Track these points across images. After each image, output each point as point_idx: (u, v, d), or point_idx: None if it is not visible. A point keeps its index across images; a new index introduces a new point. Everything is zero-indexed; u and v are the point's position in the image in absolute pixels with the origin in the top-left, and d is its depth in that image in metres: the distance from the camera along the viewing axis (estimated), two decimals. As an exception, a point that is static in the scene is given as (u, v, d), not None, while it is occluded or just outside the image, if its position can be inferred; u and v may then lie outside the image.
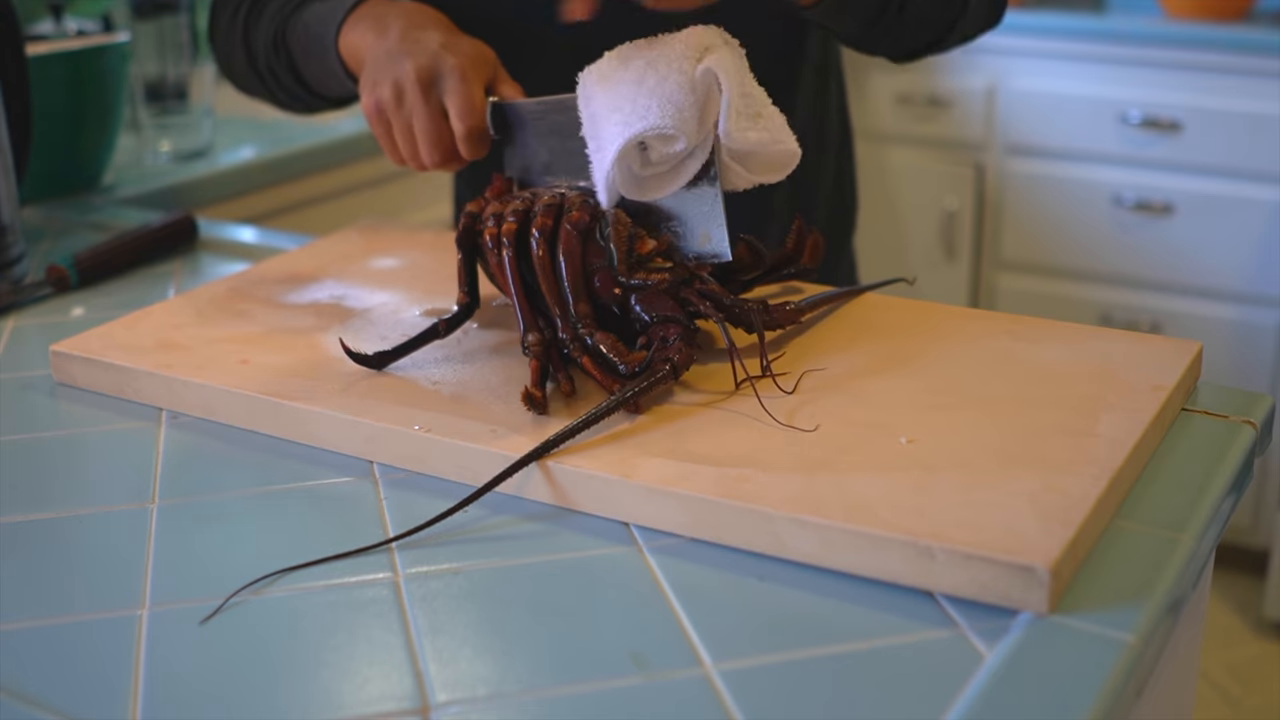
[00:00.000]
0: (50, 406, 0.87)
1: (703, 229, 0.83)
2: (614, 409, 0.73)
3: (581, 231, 0.81)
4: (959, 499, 0.65)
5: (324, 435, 0.79)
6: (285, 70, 1.08)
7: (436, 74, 0.90)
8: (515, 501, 0.72)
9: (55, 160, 1.44)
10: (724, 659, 0.58)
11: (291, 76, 1.09)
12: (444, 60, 0.90)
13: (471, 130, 0.89)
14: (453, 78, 0.89)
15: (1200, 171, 2.31)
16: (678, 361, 0.76)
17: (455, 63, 0.90)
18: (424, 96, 0.90)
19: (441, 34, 0.93)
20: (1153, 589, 0.61)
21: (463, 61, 0.90)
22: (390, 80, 0.91)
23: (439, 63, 0.90)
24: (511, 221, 0.83)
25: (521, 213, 0.83)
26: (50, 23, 1.69)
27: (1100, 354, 0.81)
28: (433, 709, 0.56)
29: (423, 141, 0.91)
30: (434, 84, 0.90)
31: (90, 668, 0.60)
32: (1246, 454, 0.75)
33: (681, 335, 0.77)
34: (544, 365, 0.78)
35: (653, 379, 0.75)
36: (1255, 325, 2.31)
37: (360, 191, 1.80)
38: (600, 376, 0.77)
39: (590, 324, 0.79)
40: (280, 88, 1.11)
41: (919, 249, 2.56)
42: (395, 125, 0.92)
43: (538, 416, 0.76)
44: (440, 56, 0.90)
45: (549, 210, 0.82)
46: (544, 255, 0.81)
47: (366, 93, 0.93)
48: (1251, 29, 2.29)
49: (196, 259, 1.18)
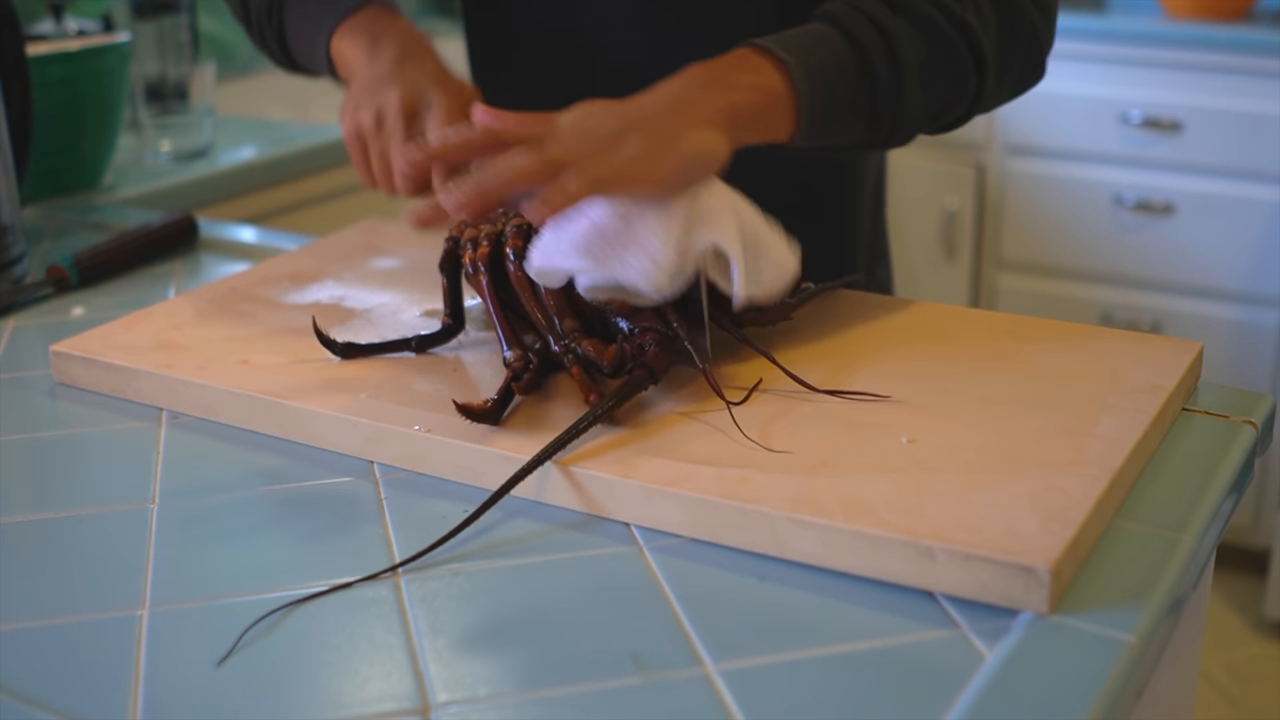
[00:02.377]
0: (50, 406, 0.87)
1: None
2: (597, 419, 0.72)
3: None
4: (959, 499, 0.65)
5: (324, 435, 0.79)
6: (274, 37, 1.09)
7: (421, 105, 0.91)
8: (515, 502, 0.72)
9: (55, 160, 1.44)
10: (724, 659, 0.58)
11: (278, 43, 1.09)
12: (430, 93, 0.91)
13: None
14: (436, 111, 0.90)
15: (1201, 171, 2.31)
16: (655, 367, 0.76)
17: (440, 98, 0.90)
18: (405, 126, 0.90)
19: (430, 69, 0.93)
20: (1153, 589, 0.61)
21: (448, 98, 0.91)
22: (373, 107, 0.91)
23: (425, 95, 0.91)
24: (485, 245, 0.84)
25: (494, 235, 0.85)
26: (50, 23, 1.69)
27: (1100, 354, 0.81)
28: (433, 709, 0.56)
29: (398, 171, 0.89)
30: (416, 116, 0.90)
31: (91, 668, 0.60)
32: (1247, 454, 0.75)
33: (658, 342, 0.77)
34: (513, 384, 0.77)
35: (630, 388, 0.75)
36: (1255, 325, 2.31)
37: (360, 191, 1.80)
38: (583, 386, 0.77)
39: (578, 336, 0.79)
40: (263, 43, 1.12)
41: (919, 249, 2.56)
42: (372, 150, 0.92)
43: (535, 417, 0.76)
44: (427, 90, 0.91)
45: (519, 232, 0.83)
46: (521, 275, 0.82)
47: (347, 116, 0.93)
48: (1252, 29, 2.29)
49: (196, 259, 1.18)
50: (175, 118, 1.69)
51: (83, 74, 1.47)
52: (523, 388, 0.77)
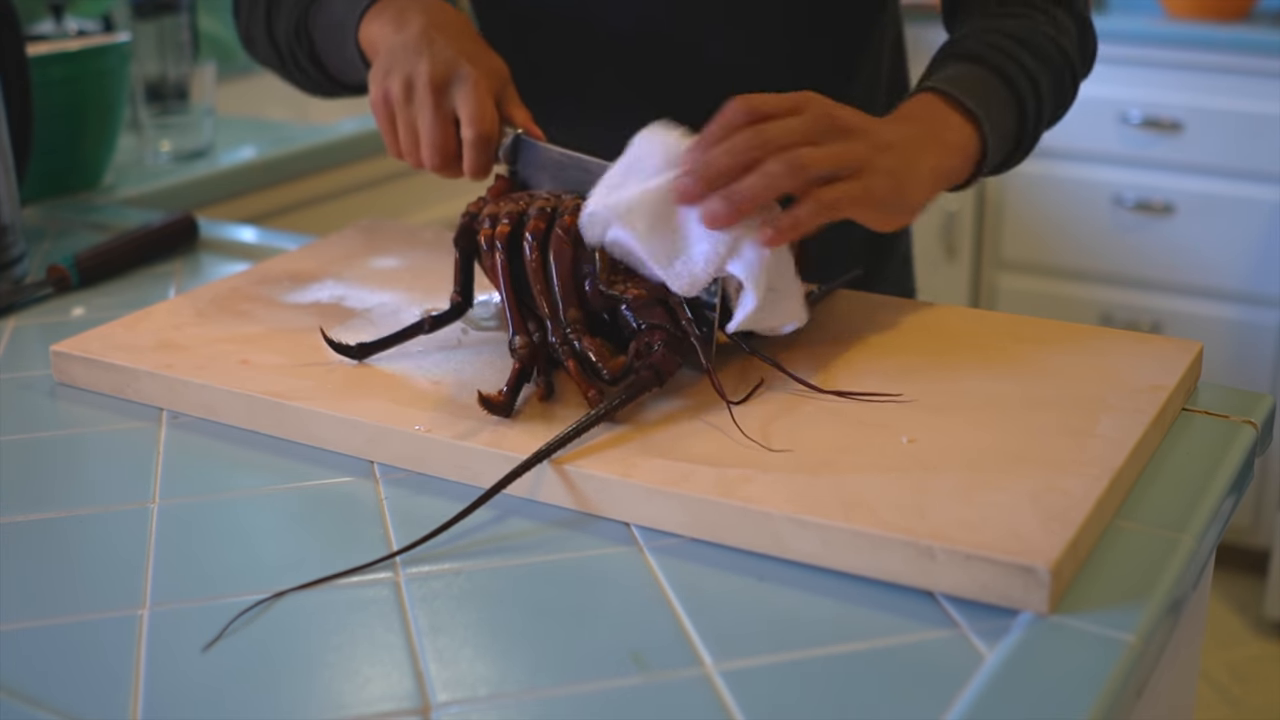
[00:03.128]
0: (50, 406, 0.87)
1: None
2: (601, 418, 0.72)
3: (573, 236, 0.81)
4: (959, 499, 0.65)
5: (324, 435, 0.79)
6: (306, 56, 1.08)
7: (451, 78, 0.90)
8: (514, 501, 0.72)
9: (55, 160, 1.44)
10: (724, 659, 0.58)
11: (312, 62, 1.08)
12: (460, 67, 0.90)
13: (480, 136, 0.89)
14: (466, 84, 0.89)
15: (1200, 171, 2.31)
16: (661, 368, 0.76)
17: (470, 71, 0.90)
18: (435, 99, 0.89)
19: (461, 39, 0.93)
20: (1153, 589, 0.61)
21: (478, 72, 0.90)
22: (402, 75, 0.90)
23: (455, 68, 0.90)
24: (505, 224, 0.83)
25: (516, 215, 0.83)
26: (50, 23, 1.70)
27: (1100, 354, 0.81)
28: (433, 709, 0.56)
29: (426, 143, 0.91)
30: (447, 88, 0.90)
31: (91, 668, 0.60)
32: (1247, 454, 0.75)
33: (666, 342, 0.77)
34: (525, 370, 0.77)
35: (637, 387, 0.74)
36: (1255, 325, 2.31)
37: (360, 191, 1.80)
38: (580, 382, 0.77)
39: (580, 329, 0.79)
40: (300, 71, 1.11)
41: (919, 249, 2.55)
42: (400, 120, 0.91)
43: (538, 416, 0.76)
44: (457, 62, 0.90)
45: (542, 214, 0.82)
46: (536, 259, 0.81)
47: (375, 83, 0.92)
48: (1252, 29, 2.29)
49: (197, 259, 1.18)
50: (175, 118, 1.69)
51: (83, 74, 1.47)
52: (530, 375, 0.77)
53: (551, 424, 0.75)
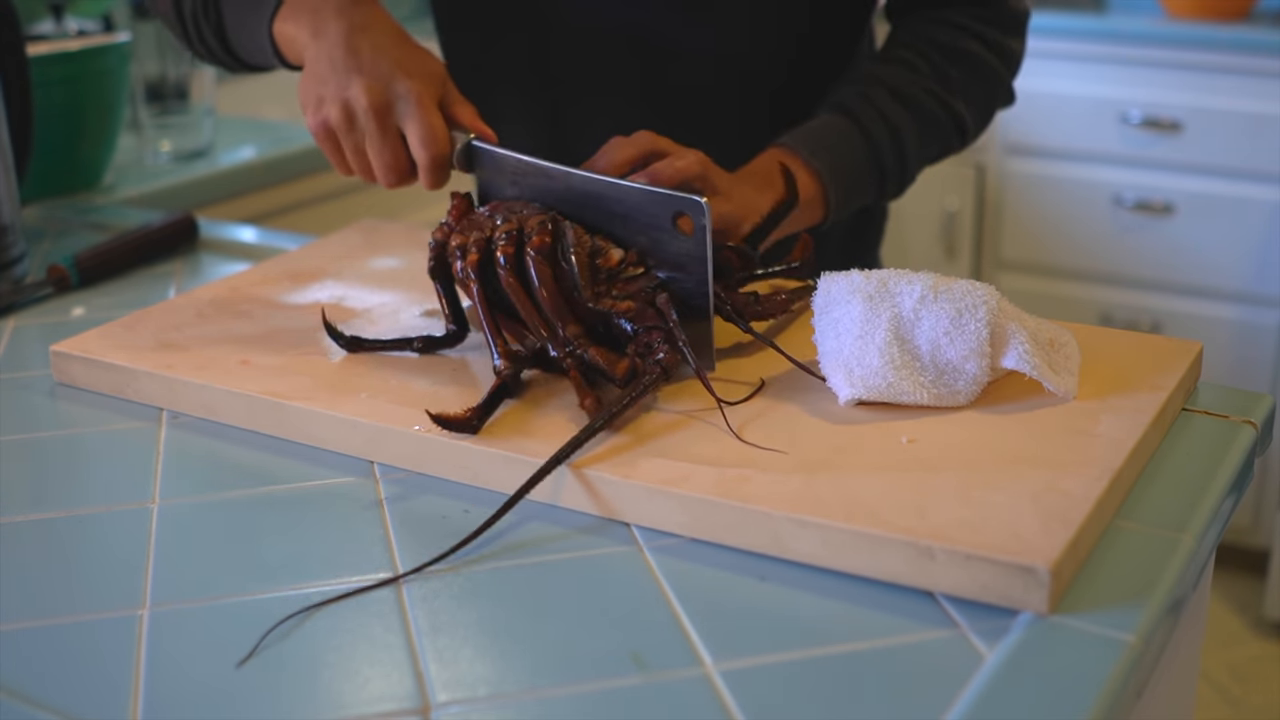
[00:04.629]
0: (50, 406, 0.87)
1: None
2: (614, 417, 0.72)
3: (546, 255, 0.80)
4: (959, 499, 0.65)
5: (324, 435, 0.79)
6: (213, 34, 1.03)
7: (391, 99, 0.86)
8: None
9: (55, 160, 1.44)
10: (724, 659, 0.58)
11: (218, 40, 1.03)
12: (397, 82, 0.86)
13: (435, 159, 0.87)
14: (409, 102, 0.86)
15: (1200, 171, 2.31)
16: (667, 364, 0.76)
17: (410, 86, 0.86)
18: (379, 124, 0.86)
19: (387, 45, 0.88)
20: (1153, 589, 0.61)
21: (418, 85, 0.87)
22: (338, 102, 0.87)
23: (392, 85, 0.86)
24: (474, 253, 0.82)
25: (483, 242, 0.83)
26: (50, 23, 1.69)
27: (1100, 354, 0.81)
28: (433, 709, 0.56)
29: (378, 166, 0.88)
30: (389, 109, 0.87)
31: (91, 668, 0.60)
32: (1247, 454, 0.75)
33: (666, 339, 0.77)
34: (501, 391, 0.76)
35: (646, 385, 0.74)
36: (1255, 325, 2.31)
37: (360, 191, 1.80)
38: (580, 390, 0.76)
39: (584, 342, 0.78)
40: (203, 44, 1.06)
41: (919, 249, 2.56)
42: (346, 147, 0.89)
43: (530, 417, 0.76)
44: (392, 77, 0.87)
45: (510, 238, 0.82)
46: (514, 282, 0.80)
47: (311, 111, 0.89)
48: (1251, 29, 2.29)
49: (197, 259, 1.18)
50: (175, 118, 1.69)
51: (83, 74, 1.47)
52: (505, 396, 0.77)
53: (542, 424, 0.75)
